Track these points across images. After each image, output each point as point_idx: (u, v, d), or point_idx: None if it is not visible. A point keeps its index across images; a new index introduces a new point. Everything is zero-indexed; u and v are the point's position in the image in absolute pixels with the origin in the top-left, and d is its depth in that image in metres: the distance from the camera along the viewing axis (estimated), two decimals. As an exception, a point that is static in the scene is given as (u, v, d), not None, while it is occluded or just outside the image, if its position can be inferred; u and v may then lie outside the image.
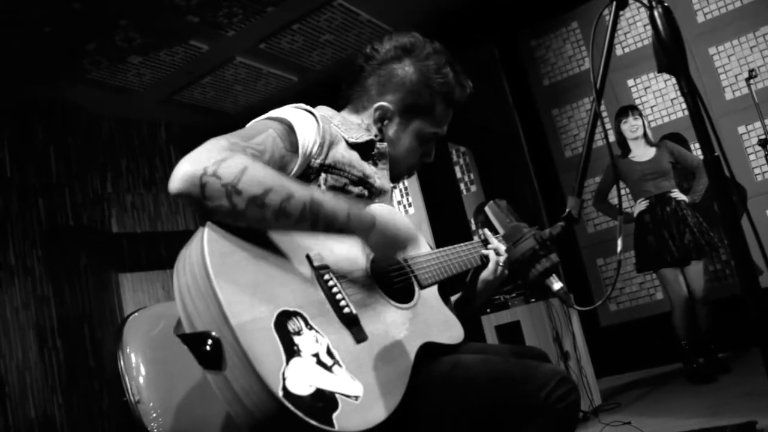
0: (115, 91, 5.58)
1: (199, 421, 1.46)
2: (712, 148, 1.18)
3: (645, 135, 4.57)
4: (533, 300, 3.79)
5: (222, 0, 4.61)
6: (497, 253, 1.68)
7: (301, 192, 1.18)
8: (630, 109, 4.61)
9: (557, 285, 1.48)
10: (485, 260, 1.69)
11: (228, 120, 6.41)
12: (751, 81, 4.22)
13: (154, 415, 1.40)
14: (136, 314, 1.55)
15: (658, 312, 5.21)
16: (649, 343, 5.22)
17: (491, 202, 1.63)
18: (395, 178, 1.67)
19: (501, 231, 1.59)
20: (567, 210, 1.48)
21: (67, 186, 5.51)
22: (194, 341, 1.06)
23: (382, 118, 1.59)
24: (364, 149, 1.54)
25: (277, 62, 5.71)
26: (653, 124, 5.37)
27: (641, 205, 4.47)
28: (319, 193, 1.22)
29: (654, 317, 5.26)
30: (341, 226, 1.23)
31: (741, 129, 5.04)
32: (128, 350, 1.46)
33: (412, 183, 5.13)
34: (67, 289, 5.24)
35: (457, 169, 6.01)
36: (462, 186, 6.05)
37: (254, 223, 1.17)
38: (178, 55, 5.24)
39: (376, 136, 1.58)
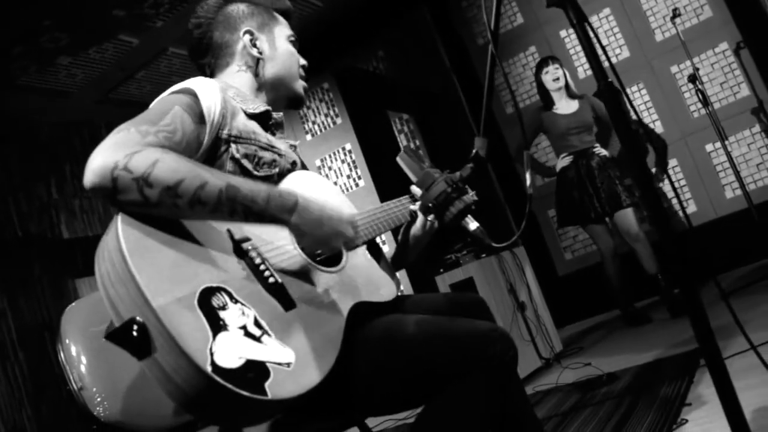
0: (48, 95, 5.45)
1: (148, 401, 1.47)
2: (605, 75, 1.21)
3: (567, 86, 4.49)
4: (484, 255, 3.85)
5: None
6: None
7: (216, 179, 1.19)
8: (550, 59, 4.52)
9: (473, 225, 1.51)
10: (414, 215, 1.70)
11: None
12: (676, 20, 4.30)
13: (99, 399, 1.42)
14: (74, 305, 1.57)
15: (612, 255, 5.33)
16: (606, 288, 5.34)
17: (401, 151, 1.65)
18: (294, 101, 1.74)
19: (414, 178, 1.61)
20: (474, 150, 1.51)
21: (10, 196, 5.40)
22: (121, 333, 1.07)
23: (252, 41, 1.66)
24: (262, 119, 1.57)
25: (210, 49, 5.62)
26: (589, 73, 5.44)
27: (564, 160, 4.44)
28: (235, 179, 1.22)
29: (609, 261, 5.38)
30: (260, 209, 1.23)
31: (674, 69, 5.14)
32: (67, 341, 1.47)
33: (358, 156, 5.13)
34: (23, 301, 5.15)
35: (402, 137, 6.03)
36: (409, 153, 6.07)
37: (170, 214, 1.17)
38: (109, 52, 5.14)
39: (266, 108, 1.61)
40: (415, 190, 1.73)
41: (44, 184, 5.75)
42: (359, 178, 5.18)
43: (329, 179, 5.28)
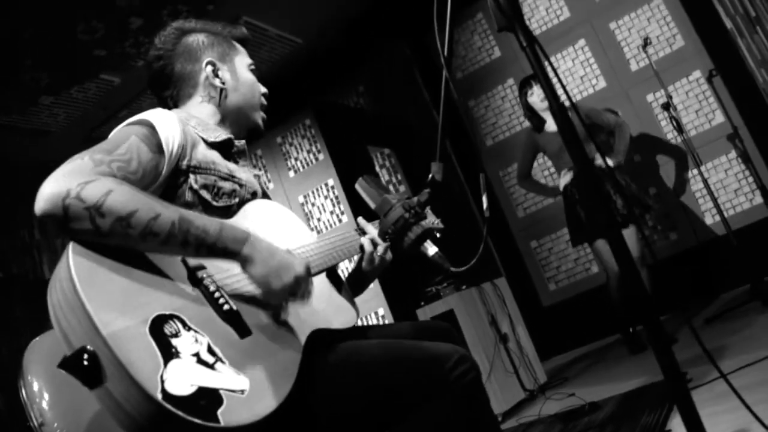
0: (30, 134, 5.46)
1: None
2: (557, 97, 1.23)
3: None
4: (464, 287, 3.84)
5: (126, 30, 4.57)
6: (374, 243, 1.69)
7: (169, 211, 1.20)
8: (532, 79, 4.39)
9: (432, 250, 1.51)
10: (362, 249, 1.70)
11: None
12: (648, 48, 4.36)
13: (60, 435, 1.39)
14: (37, 340, 1.54)
15: (595, 285, 5.33)
16: (591, 317, 5.32)
17: (360, 179, 1.66)
18: (253, 132, 1.74)
19: (372, 205, 1.62)
20: (430, 175, 1.53)
21: (-8, 238, 5.38)
22: (73, 362, 1.06)
23: (215, 71, 1.66)
24: (224, 148, 1.57)
25: (192, 87, 5.66)
26: (578, 97, 5.47)
27: (566, 177, 4.26)
28: (188, 213, 1.23)
29: (592, 290, 5.37)
30: (213, 240, 1.23)
31: (650, 97, 5.20)
32: (29, 377, 1.45)
33: (340, 192, 5.15)
34: (4, 344, 5.09)
35: (383, 171, 6.06)
36: (391, 187, 6.10)
37: (122, 244, 1.17)
38: (91, 91, 5.17)
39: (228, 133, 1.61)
40: (362, 222, 1.74)
41: (26, 224, 5.72)
42: (342, 213, 5.19)
43: (312, 216, 5.29)
